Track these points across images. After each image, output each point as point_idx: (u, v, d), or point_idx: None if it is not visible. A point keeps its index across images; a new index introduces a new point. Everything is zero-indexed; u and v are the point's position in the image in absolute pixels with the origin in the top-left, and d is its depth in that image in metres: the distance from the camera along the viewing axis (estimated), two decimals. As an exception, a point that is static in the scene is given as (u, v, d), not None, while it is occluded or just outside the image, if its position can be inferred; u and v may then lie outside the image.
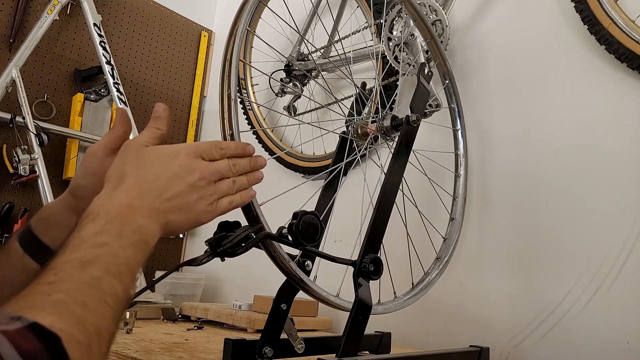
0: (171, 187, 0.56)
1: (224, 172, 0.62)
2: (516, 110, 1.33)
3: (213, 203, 0.60)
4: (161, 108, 0.66)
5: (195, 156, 0.60)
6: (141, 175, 0.56)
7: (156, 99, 2.10)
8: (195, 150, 0.60)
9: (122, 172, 0.56)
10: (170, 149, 0.60)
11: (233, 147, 0.64)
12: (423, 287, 1.06)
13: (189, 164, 0.59)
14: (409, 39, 1.34)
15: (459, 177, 1.24)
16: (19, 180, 1.61)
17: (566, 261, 1.18)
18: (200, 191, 0.59)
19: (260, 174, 0.67)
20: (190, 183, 0.58)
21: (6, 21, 1.69)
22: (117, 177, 0.56)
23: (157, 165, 0.57)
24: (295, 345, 0.89)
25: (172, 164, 0.58)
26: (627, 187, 1.13)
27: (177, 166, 0.58)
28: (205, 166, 0.60)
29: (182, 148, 0.60)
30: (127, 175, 0.55)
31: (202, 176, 0.59)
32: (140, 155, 0.58)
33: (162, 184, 0.56)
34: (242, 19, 0.79)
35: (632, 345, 1.06)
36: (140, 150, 0.59)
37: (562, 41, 1.28)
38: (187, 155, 0.59)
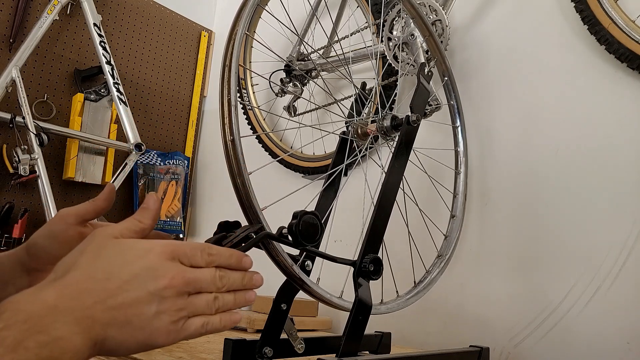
0: (123, 291, 0.44)
1: (204, 284, 0.49)
2: (516, 110, 1.33)
3: (179, 322, 0.47)
4: (152, 200, 0.55)
5: (171, 258, 0.47)
6: (91, 269, 0.44)
7: (156, 99, 2.11)
8: (174, 250, 0.48)
9: (72, 262, 0.45)
10: (142, 244, 0.48)
11: (226, 255, 0.53)
12: (425, 285, 1.06)
13: (158, 265, 0.46)
14: (409, 38, 1.34)
15: (459, 174, 1.24)
16: (19, 180, 1.61)
17: (566, 261, 1.18)
18: (162, 303, 0.45)
19: (253, 295, 0.56)
20: (151, 291, 0.45)
21: (6, 21, 1.70)
22: (64, 267, 0.45)
23: (116, 260, 0.46)
24: (295, 345, 0.89)
25: (137, 262, 0.46)
26: (627, 187, 1.13)
27: (142, 266, 0.45)
28: (179, 272, 0.47)
29: (156, 245, 0.48)
30: (75, 267, 0.45)
31: (171, 284, 0.46)
32: (102, 246, 0.47)
33: (112, 285, 0.44)
34: (241, 23, 0.79)
35: (632, 345, 1.06)
36: (106, 240, 0.48)
37: (562, 41, 1.28)
38: (159, 255, 0.47)
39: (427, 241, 1.17)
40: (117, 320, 0.43)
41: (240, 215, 0.74)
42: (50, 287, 0.42)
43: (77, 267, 0.45)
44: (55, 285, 0.43)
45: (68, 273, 0.44)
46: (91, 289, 0.43)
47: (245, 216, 0.74)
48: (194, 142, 2.22)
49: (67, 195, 1.81)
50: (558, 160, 1.23)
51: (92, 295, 0.43)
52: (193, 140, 2.22)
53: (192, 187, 2.20)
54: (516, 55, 1.36)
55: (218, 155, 2.14)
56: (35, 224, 1.69)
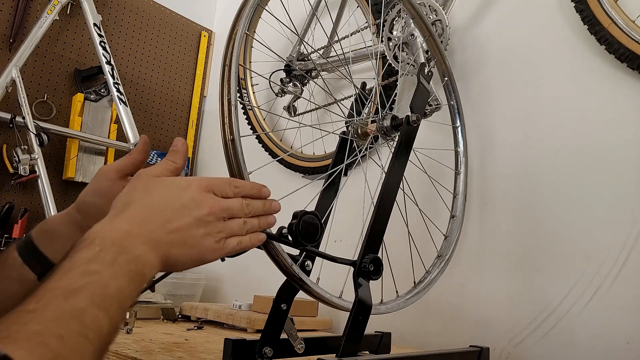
0: (177, 218, 0.53)
1: (235, 210, 0.59)
2: (516, 111, 1.33)
3: (220, 241, 0.57)
4: (180, 143, 0.65)
5: (207, 190, 0.57)
6: (147, 202, 0.54)
7: (156, 98, 2.11)
8: (208, 185, 0.58)
9: (128, 199, 0.54)
10: (181, 181, 0.57)
11: (248, 187, 0.62)
12: (425, 285, 1.06)
13: (199, 197, 0.56)
14: (409, 38, 1.34)
15: (459, 174, 1.24)
16: (19, 180, 1.61)
17: (566, 261, 1.18)
18: (207, 227, 0.56)
19: (273, 219, 0.65)
20: (197, 217, 0.55)
21: (6, 21, 1.70)
22: (122, 204, 0.54)
23: (165, 194, 0.55)
24: (295, 345, 0.89)
25: (181, 195, 0.55)
26: (627, 187, 1.13)
27: (187, 198, 0.55)
28: (215, 202, 0.57)
29: (194, 181, 0.58)
30: (133, 202, 0.53)
31: (212, 211, 0.56)
32: (150, 184, 0.56)
33: (167, 214, 0.53)
34: (241, 23, 0.79)
35: (632, 345, 1.06)
36: (152, 179, 0.57)
37: (562, 41, 1.28)
38: (198, 188, 0.57)
39: (427, 241, 1.17)
40: (176, 241, 0.53)
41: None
42: (119, 218, 0.51)
43: (135, 202, 0.53)
44: (123, 216, 0.51)
45: (129, 207, 0.53)
46: (152, 217, 0.52)
47: (245, 216, 0.74)
48: (194, 142, 2.22)
49: (67, 195, 1.81)
50: (558, 160, 1.23)
51: (154, 222, 0.52)
52: (193, 140, 2.22)
53: (192, 187, 2.20)
54: (516, 55, 1.36)
55: (218, 155, 2.13)
56: (35, 224, 1.68)
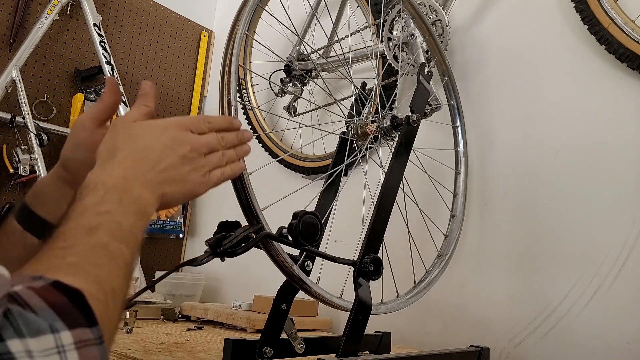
0: (163, 158, 0.56)
1: (213, 144, 0.62)
2: (516, 111, 1.33)
3: (206, 174, 0.60)
4: (147, 85, 0.66)
5: (185, 129, 0.60)
6: (132, 147, 0.55)
7: (156, 98, 2.10)
8: (185, 124, 0.60)
9: (113, 146, 0.56)
10: (159, 122, 0.59)
11: (220, 120, 0.65)
12: (425, 285, 1.06)
13: (179, 136, 0.59)
14: (409, 38, 1.34)
15: (459, 174, 1.24)
16: (19, 180, 1.61)
17: (566, 261, 1.18)
18: (192, 163, 0.58)
19: (248, 147, 0.68)
20: (181, 154, 0.57)
21: (6, 21, 1.70)
22: (108, 151, 0.55)
23: (147, 137, 0.57)
24: (295, 345, 0.89)
25: (162, 136, 0.57)
26: (627, 187, 1.13)
27: (169, 138, 0.58)
28: (195, 138, 0.60)
29: (171, 121, 0.60)
30: (118, 149, 0.55)
31: (193, 147, 0.59)
32: (130, 129, 0.58)
33: (154, 156, 0.55)
34: (241, 23, 0.79)
35: (632, 345, 1.06)
36: (130, 125, 0.59)
37: (562, 41, 1.28)
38: (176, 128, 0.59)
39: (427, 241, 1.17)
40: (167, 180, 0.56)
41: (240, 215, 0.74)
42: (111, 165, 0.53)
43: (120, 148, 0.55)
44: (114, 163, 0.53)
45: (116, 153, 0.54)
46: (140, 160, 0.54)
47: (245, 216, 0.74)
48: (194, 142, 2.22)
49: (67, 195, 1.81)
50: (558, 160, 1.23)
51: (144, 165, 0.54)
52: (193, 140, 2.21)
53: (192, 187, 2.20)
54: (516, 55, 1.36)
55: (218, 155, 2.13)
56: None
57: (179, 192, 0.57)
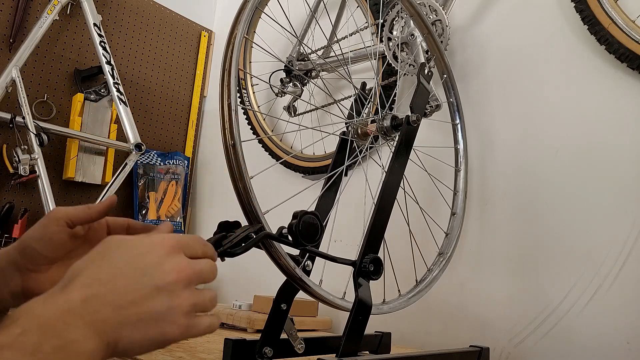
0: (132, 290, 0.43)
1: (205, 275, 0.48)
2: (516, 111, 1.33)
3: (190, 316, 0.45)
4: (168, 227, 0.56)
5: (176, 250, 0.47)
6: (96, 271, 0.43)
7: (156, 98, 2.11)
8: (177, 243, 0.47)
9: (82, 266, 0.44)
10: (146, 240, 0.46)
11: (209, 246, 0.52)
12: (427, 284, 1.06)
13: (164, 260, 0.45)
14: (409, 38, 1.34)
15: (459, 171, 1.24)
16: (19, 180, 1.61)
17: (566, 261, 1.18)
18: (173, 298, 0.44)
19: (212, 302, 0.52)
20: (160, 285, 0.44)
21: (6, 21, 1.70)
22: (72, 273, 0.44)
23: (121, 259, 0.44)
24: (295, 345, 0.89)
25: (140, 259, 0.44)
26: (627, 187, 1.13)
27: (147, 262, 0.44)
28: (186, 265, 0.46)
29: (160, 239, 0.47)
30: (83, 270, 0.43)
31: (179, 277, 0.45)
32: (109, 246, 0.46)
33: (119, 285, 0.42)
34: (240, 27, 0.79)
35: (632, 345, 1.06)
36: (114, 241, 0.47)
37: (562, 41, 1.28)
38: (165, 249, 0.46)
39: (428, 240, 1.17)
40: (129, 320, 0.42)
41: (240, 214, 0.74)
42: (60, 292, 0.41)
43: (83, 271, 0.43)
44: (65, 291, 0.42)
45: (77, 278, 0.43)
46: (98, 292, 0.42)
47: (245, 217, 0.74)
48: (194, 142, 2.22)
49: (67, 195, 1.81)
50: (558, 160, 1.23)
51: (100, 298, 0.41)
52: (193, 140, 2.22)
53: (192, 187, 2.20)
54: (516, 55, 1.36)
55: (218, 155, 2.14)
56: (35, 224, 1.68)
57: (144, 337, 0.43)
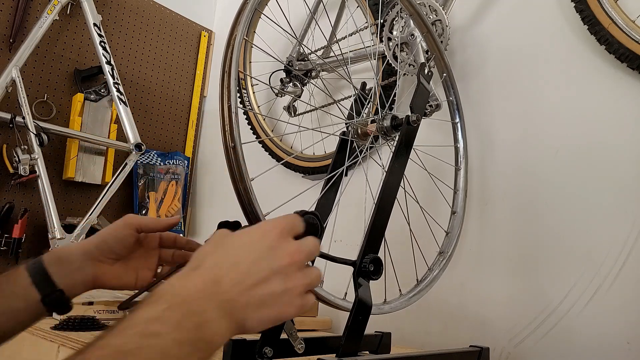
0: (253, 273, 0.46)
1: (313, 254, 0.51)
2: (516, 111, 1.33)
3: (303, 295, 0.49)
4: None
5: (286, 235, 0.50)
6: (219, 257, 0.48)
7: (156, 99, 2.11)
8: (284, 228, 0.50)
9: (204, 253, 0.49)
10: (258, 228, 0.51)
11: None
12: (427, 283, 1.06)
13: (277, 245, 0.49)
14: (409, 38, 1.34)
15: (459, 170, 1.24)
16: (19, 180, 1.61)
17: (566, 261, 1.18)
18: (288, 280, 0.48)
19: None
20: (275, 269, 0.47)
21: (6, 21, 1.70)
22: (199, 258, 0.48)
23: (237, 245, 0.49)
24: (295, 345, 0.89)
25: (257, 245, 0.48)
26: (627, 187, 1.13)
27: (263, 248, 0.48)
28: (297, 248, 0.49)
29: (271, 226, 0.50)
30: (206, 257, 0.48)
31: (293, 260, 0.48)
32: (222, 237, 0.51)
33: (242, 269, 0.46)
34: (239, 29, 0.79)
35: (632, 345, 1.06)
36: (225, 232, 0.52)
37: (562, 41, 1.28)
38: (277, 235, 0.49)
39: (429, 239, 1.17)
40: (253, 301, 0.46)
41: (240, 214, 0.74)
42: (194, 274, 0.46)
43: (207, 257, 0.48)
44: (198, 273, 0.46)
45: (204, 262, 0.47)
46: (224, 275, 0.46)
47: (246, 219, 0.74)
48: (194, 142, 2.22)
49: (67, 195, 1.81)
50: (558, 160, 1.23)
51: (227, 280, 0.45)
52: (193, 140, 2.22)
53: (192, 187, 2.20)
54: (516, 55, 1.36)
55: (218, 155, 2.14)
56: (35, 224, 1.69)
57: (265, 318, 0.47)
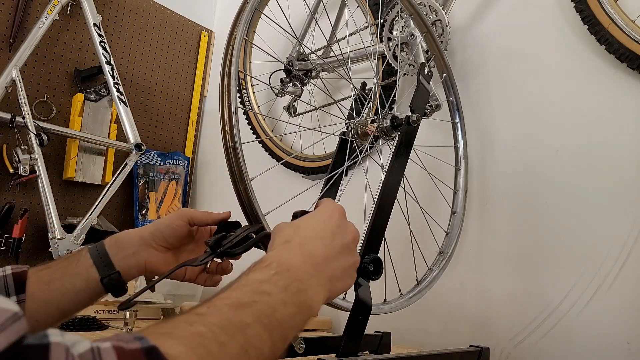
0: (331, 248, 0.53)
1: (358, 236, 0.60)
2: (516, 111, 1.33)
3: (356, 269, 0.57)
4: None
5: (344, 215, 0.58)
6: (304, 232, 0.54)
7: (156, 99, 2.11)
8: (341, 211, 0.59)
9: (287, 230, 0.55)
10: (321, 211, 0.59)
11: None
12: (427, 283, 1.06)
13: (342, 223, 0.57)
14: (409, 38, 1.34)
15: (459, 170, 1.24)
16: (19, 180, 1.61)
17: (566, 261, 1.18)
18: (353, 254, 0.56)
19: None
20: (346, 243, 0.55)
21: (6, 21, 1.70)
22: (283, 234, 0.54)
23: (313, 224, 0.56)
24: (295, 345, 0.89)
25: (326, 223, 0.56)
26: (627, 187, 1.13)
27: (334, 225, 0.55)
28: (354, 227, 0.58)
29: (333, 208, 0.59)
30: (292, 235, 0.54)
31: (354, 237, 0.57)
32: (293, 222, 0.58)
33: (321, 244, 0.53)
34: (239, 29, 0.79)
35: (632, 345, 1.06)
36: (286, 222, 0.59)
37: (562, 41, 1.28)
38: (339, 215, 0.58)
39: (429, 239, 1.17)
40: (336, 273, 0.52)
41: (240, 214, 0.74)
42: (290, 247, 0.51)
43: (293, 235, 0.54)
44: (293, 246, 0.52)
45: (293, 237, 0.53)
46: (315, 248, 0.52)
47: (246, 218, 0.74)
48: (194, 142, 2.22)
49: (67, 195, 1.81)
50: (558, 160, 1.23)
51: (318, 253, 0.51)
52: (193, 140, 2.22)
53: (192, 187, 2.20)
54: (516, 55, 1.36)
55: (218, 155, 2.14)
56: (35, 224, 1.69)
57: (339, 289, 0.54)
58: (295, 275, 0.47)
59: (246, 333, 0.39)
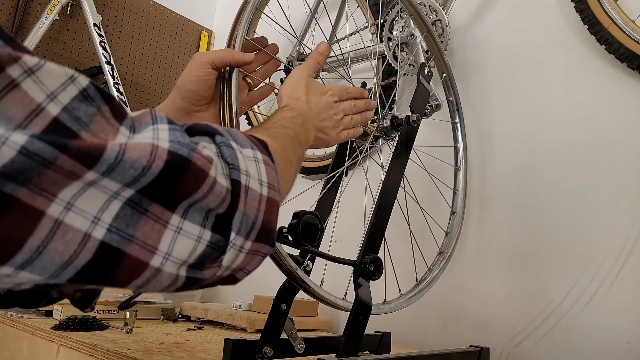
0: (322, 113, 0.77)
1: (347, 111, 0.83)
2: (516, 110, 1.33)
3: (339, 133, 0.81)
4: (325, 46, 0.87)
5: (334, 96, 0.80)
6: (308, 99, 0.75)
7: (156, 99, 2.11)
8: (334, 92, 0.81)
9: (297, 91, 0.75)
10: (322, 87, 0.80)
11: (355, 92, 0.86)
12: (427, 283, 1.06)
13: (331, 100, 0.79)
14: (409, 38, 1.34)
15: (459, 170, 1.24)
16: (19, 180, 1.61)
17: (566, 261, 1.18)
18: (333, 122, 0.79)
19: (371, 114, 0.90)
20: (330, 115, 0.79)
21: (6, 21, 1.70)
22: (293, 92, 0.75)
23: (316, 94, 0.77)
24: (295, 345, 0.89)
25: (324, 97, 0.78)
26: (627, 187, 1.13)
27: (326, 101, 0.79)
28: (338, 105, 0.81)
29: (328, 88, 0.81)
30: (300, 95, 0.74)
31: (337, 112, 0.80)
32: (307, 84, 0.77)
33: (317, 109, 0.76)
34: (240, 29, 0.79)
35: (632, 345, 1.06)
36: (308, 80, 0.78)
37: (562, 41, 1.28)
38: (330, 94, 0.80)
39: (428, 239, 1.17)
40: (321, 129, 0.77)
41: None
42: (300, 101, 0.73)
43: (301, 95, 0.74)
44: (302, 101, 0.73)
45: (302, 96, 0.74)
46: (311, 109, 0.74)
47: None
48: (194, 142, 2.22)
49: (67, 195, 1.81)
50: (558, 160, 1.24)
51: (313, 112, 0.74)
52: (193, 140, 2.21)
53: (192, 187, 2.20)
54: (516, 55, 1.36)
55: (218, 155, 2.13)
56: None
57: (322, 141, 0.78)
58: (305, 119, 0.70)
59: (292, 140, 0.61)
